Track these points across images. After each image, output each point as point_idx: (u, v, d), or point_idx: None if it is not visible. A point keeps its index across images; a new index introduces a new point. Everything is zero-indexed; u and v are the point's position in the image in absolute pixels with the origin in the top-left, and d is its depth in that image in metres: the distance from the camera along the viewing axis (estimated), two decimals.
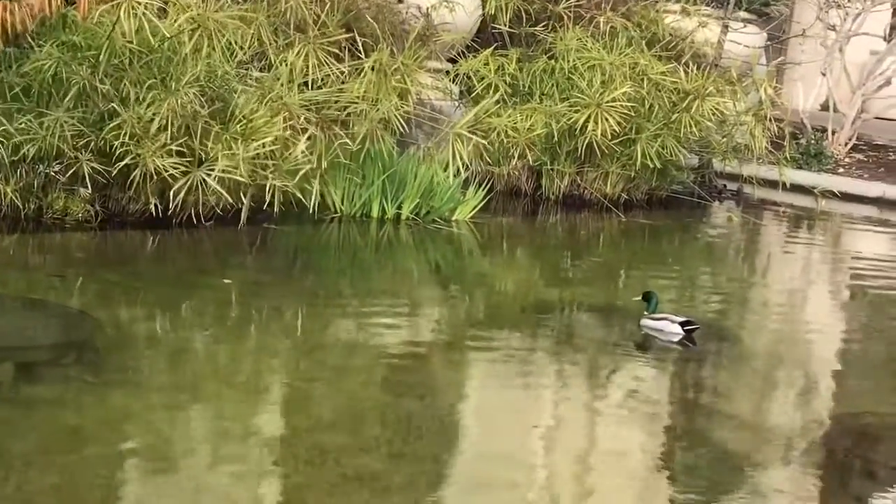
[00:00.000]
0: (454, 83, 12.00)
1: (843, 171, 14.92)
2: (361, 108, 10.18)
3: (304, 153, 9.41)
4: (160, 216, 9.08)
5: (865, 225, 13.75)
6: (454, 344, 7.55)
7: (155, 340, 6.96)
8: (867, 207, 14.10)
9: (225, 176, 9.01)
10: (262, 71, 10.08)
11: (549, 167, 11.98)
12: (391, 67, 10.43)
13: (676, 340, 7.64)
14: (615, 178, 12.07)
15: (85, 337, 6.91)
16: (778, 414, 6.83)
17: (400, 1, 11.99)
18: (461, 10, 12.04)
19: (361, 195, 10.28)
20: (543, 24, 12.58)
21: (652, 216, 12.07)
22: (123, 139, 8.77)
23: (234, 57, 9.69)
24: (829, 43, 15.61)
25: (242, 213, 9.30)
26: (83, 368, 6.39)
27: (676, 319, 7.70)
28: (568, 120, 11.51)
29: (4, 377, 6.16)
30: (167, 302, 7.66)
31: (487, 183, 11.27)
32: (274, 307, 7.76)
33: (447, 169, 10.53)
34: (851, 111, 15.61)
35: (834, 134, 15.43)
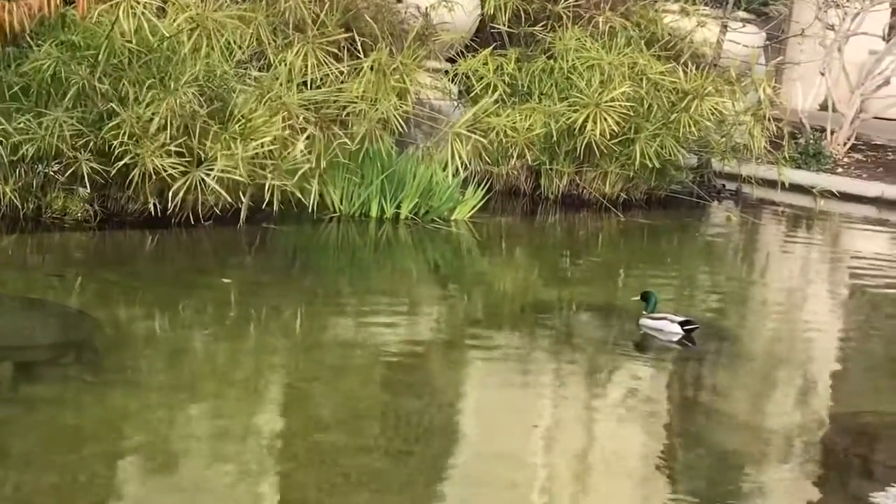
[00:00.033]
0: (453, 83, 12.00)
1: (841, 170, 14.90)
2: (360, 107, 10.18)
3: (303, 153, 9.41)
4: (159, 216, 9.08)
5: (864, 224, 13.75)
6: (453, 343, 7.56)
7: (154, 340, 6.96)
8: (866, 207, 14.09)
9: (224, 176, 9.00)
10: (260, 70, 10.07)
11: (547, 167, 11.98)
12: (390, 67, 10.43)
13: (676, 340, 7.64)
14: (614, 177, 12.06)
15: (84, 336, 6.91)
16: (777, 413, 6.83)
17: (399, 0, 11.98)
18: (460, 9, 12.03)
19: (360, 195, 10.28)
20: (542, 23, 12.57)
21: (651, 216, 12.06)
22: (122, 139, 8.77)
23: (232, 56, 9.69)
24: (827, 42, 15.59)
25: (241, 212, 9.29)
26: (82, 368, 6.39)
27: (676, 319, 7.70)
28: (567, 120, 11.50)
29: (3, 377, 6.16)
30: (166, 301, 7.66)
31: (486, 183, 11.26)
32: (273, 307, 7.76)
33: (446, 168, 10.53)
34: (850, 111, 15.59)
35: (833, 134, 15.41)
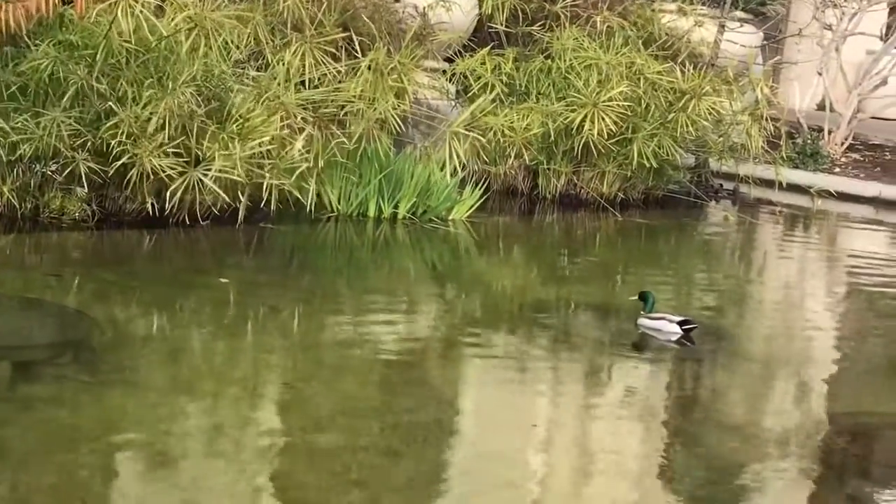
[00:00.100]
0: (451, 82, 12.00)
1: (839, 170, 14.91)
2: (358, 107, 10.18)
3: (300, 152, 9.41)
4: (157, 215, 9.07)
5: (861, 224, 13.75)
6: (451, 343, 7.56)
7: (151, 339, 6.96)
8: (863, 207, 14.10)
9: (222, 175, 9.00)
10: (258, 70, 10.07)
11: (545, 166, 11.97)
12: (388, 67, 10.42)
13: (675, 339, 7.64)
14: (612, 177, 12.05)
15: (81, 336, 6.91)
16: (774, 413, 6.83)
17: (396, 0, 11.98)
18: (458, 9, 12.03)
19: (358, 194, 10.28)
20: (540, 23, 12.57)
21: (648, 215, 12.06)
22: (120, 138, 8.76)
23: (230, 56, 9.69)
24: (825, 42, 15.60)
25: (239, 212, 9.29)
26: (80, 367, 6.39)
27: (674, 319, 7.70)
28: (564, 119, 11.50)
29: (1, 376, 6.16)
30: (164, 301, 7.66)
31: (484, 182, 11.27)
32: (270, 306, 7.76)
33: (444, 168, 10.53)
34: (848, 111, 15.59)
35: (830, 133, 15.41)
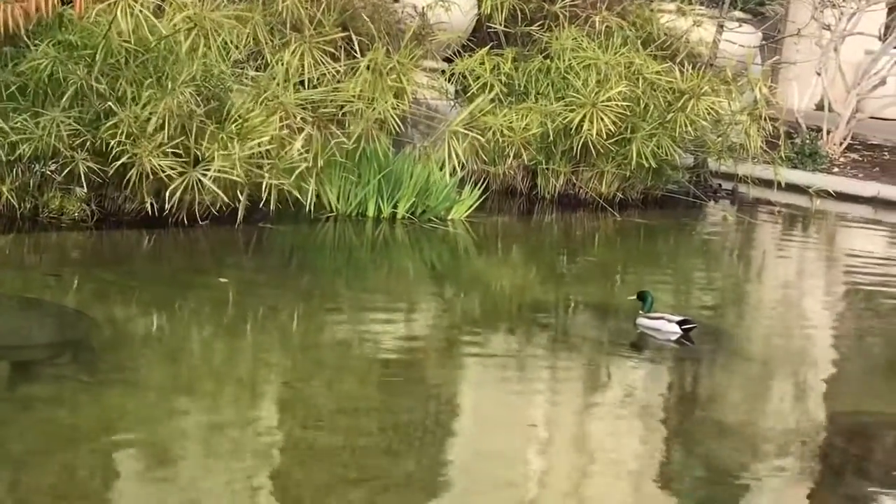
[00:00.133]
0: (450, 82, 12.00)
1: (837, 170, 14.91)
2: (357, 107, 10.18)
3: (300, 152, 9.41)
4: (156, 215, 9.07)
5: (860, 224, 13.76)
6: (450, 342, 7.56)
7: (151, 339, 6.96)
8: (862, 207, 14.10)
9: (221, 175, 9.00)
10: (258, 70, 10.07)
11: (544, 166, 11.98)
12: (387, 66, 10.42)
13: (674, 339, 7.65)
14: (610, 177, 12.06)
15: (81, 336, 6.91)
16: (774, 412, 6.84)
17: (395, 0, 11.99)
18: (457, 9, 12.03)
19: (357, 194, 10.28)
20: (539, 23, 12.57)
21: (647, 215, 12.07)
22: (120, 138, 8.76)
23: (230, 56, 9.69)
24: (824, 42, 15.60)
25: (238, 212, 9.29)
26: (79, 367, 6.39)
27: (673, 318, 7.70)
28: (563, 119, 11.50)
29: (0, 376, 6.16)
30: (163, 301, 7.66)
31: (483, 182, 11.27)
32: (270, 306, 7.76)
33: (443, 168, 10.53)
34: (846, 111, 15.60)
35: (829, 133, 15.42)
